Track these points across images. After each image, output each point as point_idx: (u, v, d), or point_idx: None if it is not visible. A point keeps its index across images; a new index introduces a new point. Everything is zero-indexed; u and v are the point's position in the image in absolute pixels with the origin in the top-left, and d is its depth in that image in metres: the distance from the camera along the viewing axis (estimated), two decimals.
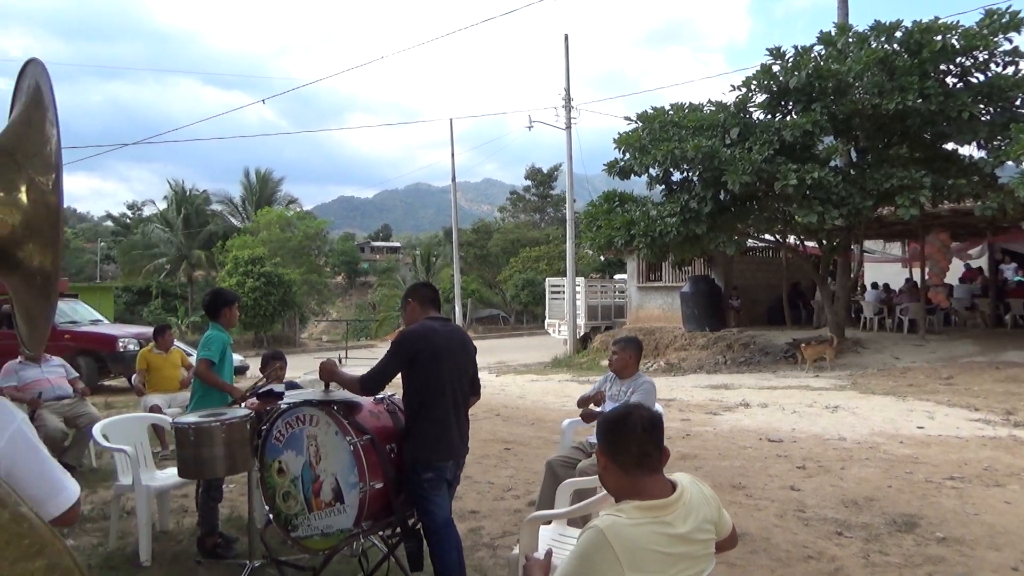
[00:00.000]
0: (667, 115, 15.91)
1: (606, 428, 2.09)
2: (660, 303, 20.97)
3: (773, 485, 6.03)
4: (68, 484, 1.70)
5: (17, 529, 1.52)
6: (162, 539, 4.89)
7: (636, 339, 5.13)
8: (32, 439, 1.68)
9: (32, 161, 1.72)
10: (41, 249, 1.73)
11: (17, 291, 1.83)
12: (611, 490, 2.08)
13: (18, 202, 1.69)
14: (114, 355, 12.94)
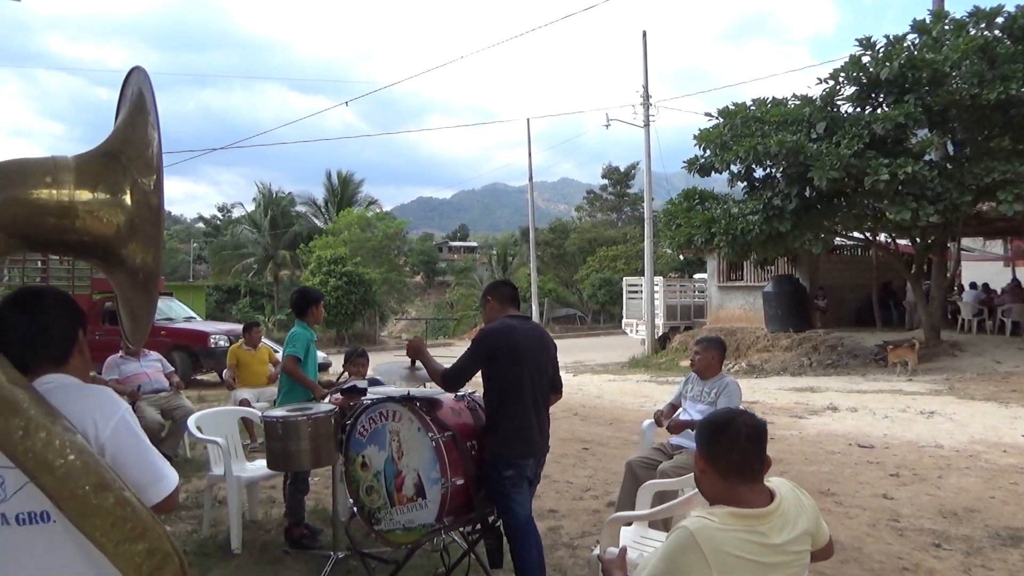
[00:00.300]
0: (749, 110, 15.51)
1: (708, 432, 2.03)
2: (741, 303, 20.46)
3: (864, 493, 5.78)
4: (167, 472, 1.76)
5: (121, 513, 1.59)
6: (252, 528, 5.07)
7: (719, 339, 5.01)
8: (135, 428, 1.75)
9: (136, 163, 1.78)
10: (144, 247, 1.79)
11: (122, 287, 1.91)
12: (707, 495, 2.02)
13: (123, 203, 1.75)
14: (206, 351, 13.51)
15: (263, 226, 39.58)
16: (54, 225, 1.72)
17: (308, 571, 4.27)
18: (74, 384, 1.76)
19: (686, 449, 4.60)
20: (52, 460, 1.53)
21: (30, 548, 1.65)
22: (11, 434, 1.53)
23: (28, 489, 1.61)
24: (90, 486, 1.55)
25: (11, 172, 1.72)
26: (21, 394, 1.58)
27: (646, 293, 21.70)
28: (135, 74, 1.89)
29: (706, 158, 15.81)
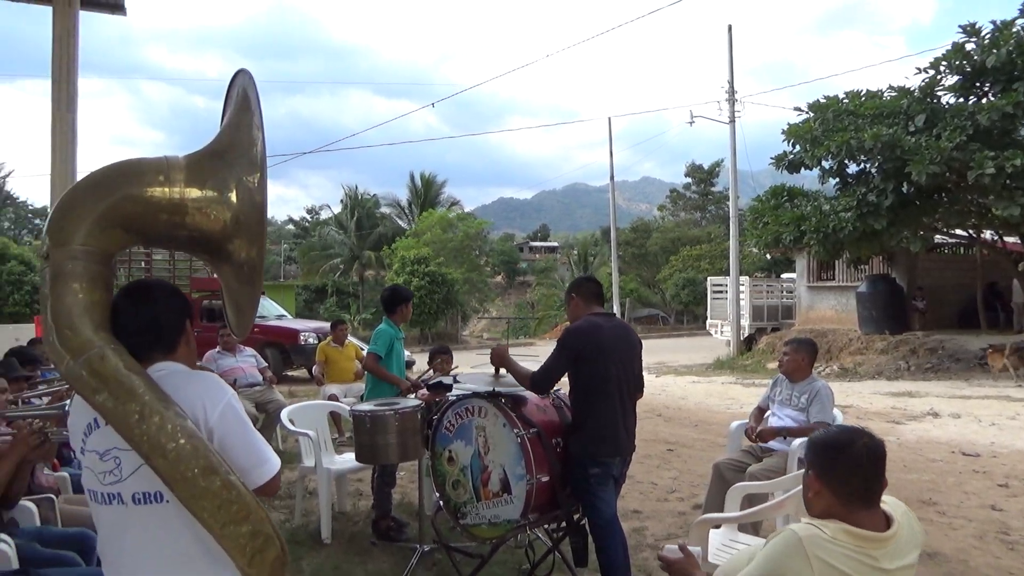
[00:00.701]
0: (841, 103, 14.94)
1: (826, 455, 1.94)
2: (833, 303, 19.70)
3: (970, 503, 5.47)
4: (270, 457, 1.83)
5: (227, 495, 1.65)
6: (340, 519, 5.20)
7: (810, 340, 4.82)
8: (240, 413, 1.82)
9: (240, 162, 1.85)
10: (248, 243, 1.86)
11: (227, 281, 1.99)
12: (817, 514, 1.94)
13: (229, 200, 1.83)
14: (296, 347, 13.98)
15: (349, 227, 40.64)
16: (166, 221, 1.81)
17: (395, 563, 4.35)
18: (183, 371, 1.84)
19: (777, 452, 4.46)
20: (165, 444, 1.61)
21: (144, 526, 1.74)
22: (128, 418, 1.61)
23: (143, 471, 1.69)
24: (199, 469, 1.62)
25: (128, 171, 1.82)
26: (137, 380, 1.66)
27: (731, 293, 21.17)
28: (240, 76, 1.96)
29: (795, 154, 15.32)
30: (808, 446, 2.03)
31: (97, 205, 1.76)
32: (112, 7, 13.06)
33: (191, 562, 1.76)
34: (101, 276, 1.77)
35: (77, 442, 1.84)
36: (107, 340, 1.71)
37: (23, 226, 47.27)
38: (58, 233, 1.74)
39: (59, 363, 1.69)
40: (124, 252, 14.37)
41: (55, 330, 1.70)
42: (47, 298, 1.72)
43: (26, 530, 3.26)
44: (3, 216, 44.08)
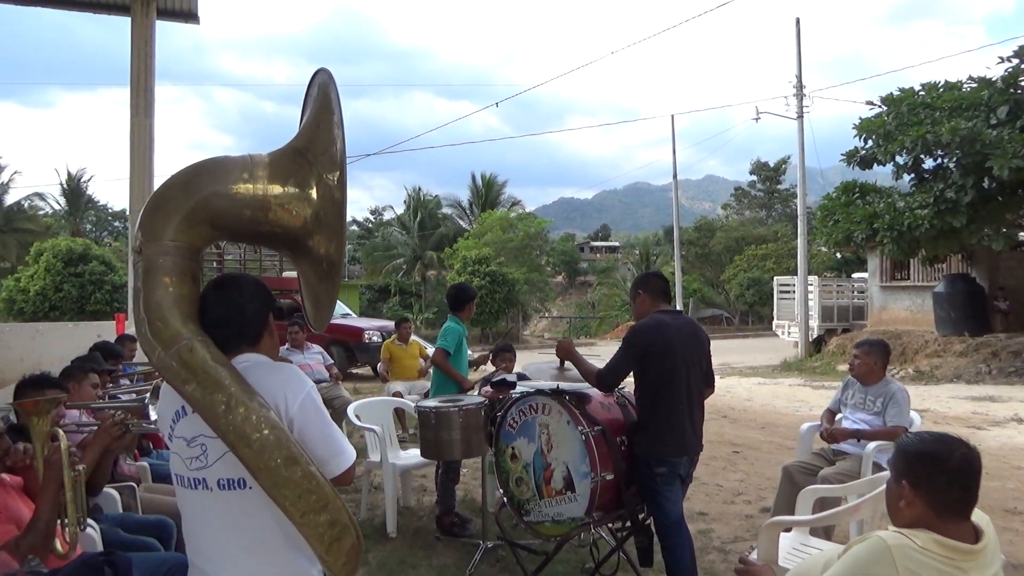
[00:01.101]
0: (917, 96, 14.42)
1: (923, 463, 1.86)
2: (907, 304, 18.99)
3: None
4: (347, 447, 1.88)
5: (307, 485, 1.70)
6: (405, 514, 5.27)
7: (882, 342, 4.65)
8: (319, 405, 1.87)
9: (321, 159, 1.89)
10: (328, 238, 1.90)
11: (306, 275, 2.04)
12: (906, 524, 1.86)
13: (310, 197, 1.87)
14: (361, 345, 14.22)
15: (411, 228, 41.15)
16: (250, 217, 1.86)
17: (458, 558, 4.38)
18: (266, 362, 1.90)
19: (850, 455, 4.32)
20: (250, 434, 1.67)
21: (227, 510, 1.81)
22: (215, 408, 1.68)
23: (228, 458, 1.77)
24: (281, 459, 1.68)
25: (214, 169, 1.89)
26: (223, 372, 1.72)
27: (799, 293, 20.62)
28: (320, 75, 2.00)
29: (867, 149, 14.85)
30: (899, 455, 1.93)
31: (186, 202, 1.82)
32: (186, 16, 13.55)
33: (270, 547, 1.82)
34: (190, 270, 1.84)
35: (166, 428, 1.92)
36: (195, 332, 1.77)
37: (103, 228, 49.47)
38: (150, 229, 1.81)
39: (151, 353, 1.76)
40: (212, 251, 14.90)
41: (147, 322, 1.77)
42: (139, 292, 1.79)
43: (110, 516, 3.41)
44: (85, 219, 46.16)
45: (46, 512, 2.37)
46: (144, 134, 12.12)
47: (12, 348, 13.79)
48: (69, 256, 23.02)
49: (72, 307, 22.23)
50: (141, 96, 12.15)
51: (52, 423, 2.65)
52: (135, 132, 12.11)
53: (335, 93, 1.94)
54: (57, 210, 43.31)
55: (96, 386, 3.93)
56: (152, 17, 12.24)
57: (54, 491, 2.37)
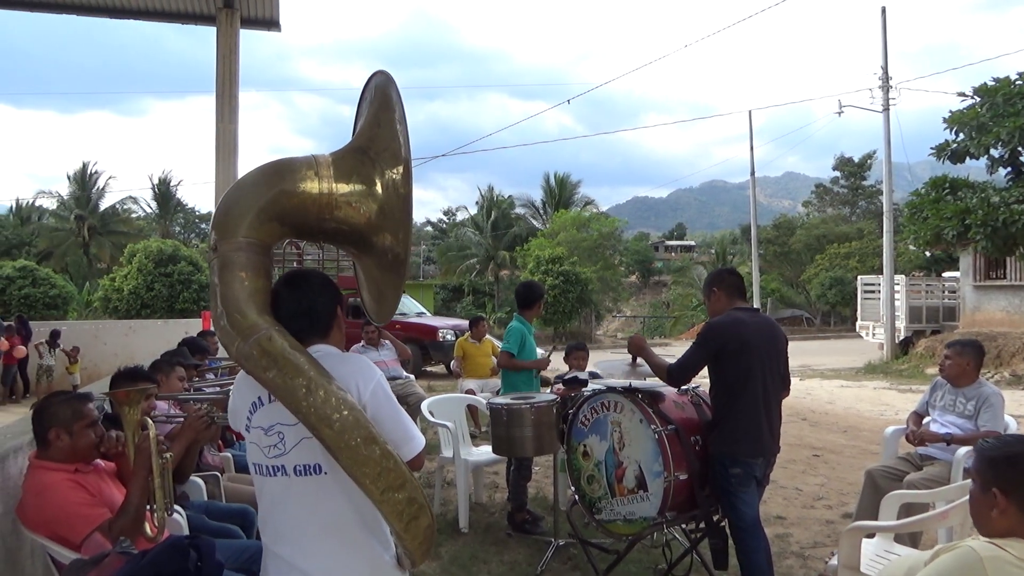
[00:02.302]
0: (1014, 86, 13.63)
1: (1012, 466, 1.78)
2: (1003, 304, 17.99)
3: None
4: (417, 434, 1.93)
5: (386, 463, 1.75)
6: (477, 510, 5.31)
7: (976, 342, 4.41)
8: (389, 392, 1.94)
9: (383, 156, 1.95)
10: (393, 233, 1.96)
11: (369, 269, 2.10)
12: (998, 533, 1.77)
13: (375, 193, 1.93)
14: (435, 343, 14.43)
15: (485, 228, 41.46)
16: (316, 214, 1.94)
17: (530, 555, 4.39)
18: (337, 352, 1.98)
19: (939, 460, 4.13)
20: (330, 415, 1.72)
21: (304, 495, 1.88)
22: (296, 392, 1.73)
23: (304, 444, 1.85)
24: (361, 439, 1.73)
25: (282, 169, 1.97)
26: (302, 358, 1.78)
27: (885, 293, 19.80)
28: (377, 76, 2.06)
29: (959, 142, 14.16)
30: (984, 462, 1.83)
31: (256, 201, 1.91)
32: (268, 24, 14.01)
33: (346, 531, 1.89)
34: (262, 265, 1.91)
35: (241, 420, 1.99)
36: (272, 323, 1.84)
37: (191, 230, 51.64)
38: (224, 228, 1.89)
39: (230, 345, 1.83)
40: (279, 251, 15.36)
41: (226, 315, 1.84)
42: (216, 287, 1.87)
43: (195, 503, 3.56)
44: (174, 221, 48.30)
45: (136, 497, 2.49)
46: (229, 139, 12.60)
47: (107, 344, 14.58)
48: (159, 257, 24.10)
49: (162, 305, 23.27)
50: (226, 103, 12.64)
51: (143, 413, 2.79)
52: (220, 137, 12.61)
53: (395, 92, 1.98)
54: (149, 213, 45.45)
55: (182, 379, 4.11)
56: (236, 26, 12.71)
57: (144, 477, 2.49)
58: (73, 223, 39.21)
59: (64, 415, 2.67)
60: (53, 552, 2.55)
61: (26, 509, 2.60)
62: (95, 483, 2.69)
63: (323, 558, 1.88)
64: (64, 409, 2.69)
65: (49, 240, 39.07)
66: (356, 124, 2.09)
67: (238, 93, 12.83)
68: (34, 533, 2.59)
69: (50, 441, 2.65)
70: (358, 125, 2.07)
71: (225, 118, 12.72)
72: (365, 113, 2.05)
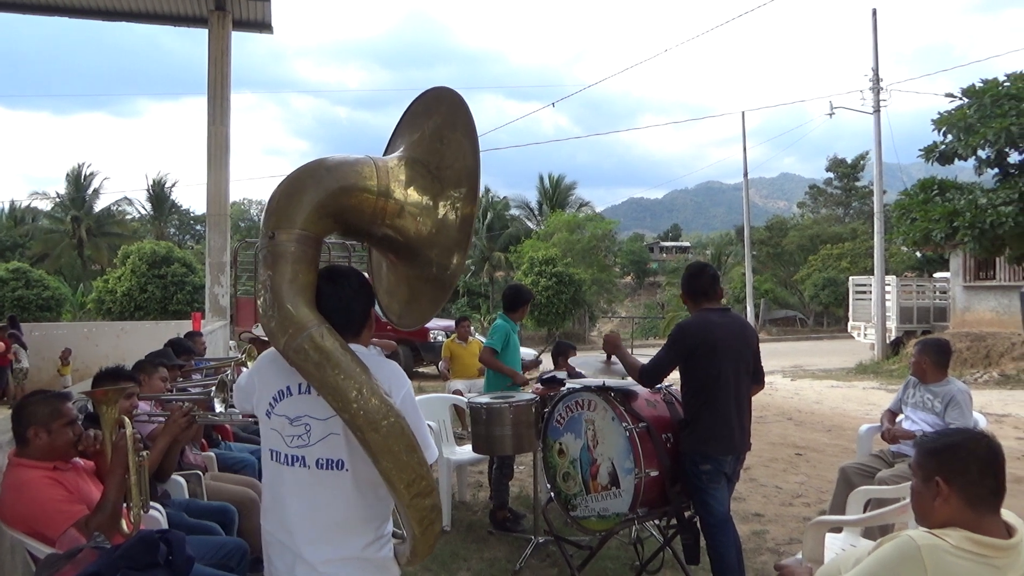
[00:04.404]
0: (1001, 87, 13.72)
1: (956, 454, 1.82)
2: (993, 305, 18.10)
3: None
4: (432, 444, 1.99)
5: (420, 471, 1.83)
6: (461, 508, 5.37)
7: (939, 341, 4.51)
8: (415, 401, 2.00)
9: (446, 173, 1.95)
10: (447, 250, 1.96)
11: (407, 278, 2.08)
12: (939, 523, 1.81)
13: (435, 208, 1.94)
14: (426, 345, 14.47)
15: (480, 229, 41.50)
16: (371, 218, 1.95)
17: (510, 552, 4.45)
18: (372, 354, 2.00)
19: (910, 457, 4.19)
20: (379, 420, 1.77)
21: (321, 489, 1.94)
22: (347, 393, 1.77)
23: (332, 439, 1.91)
24: (404, 446, 1.79)
25: (344, 166, 1.96)
26: (352, 360, 1.81)
27: (876, 294, 19.89)
28: (441, 90, 2.06)
29: (947, 144, 14.23)
30: (926, 453, 1.88)
31: (317, 193, 1.90)
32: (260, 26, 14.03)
33: (352, 524, 1.95)
34: (314, 259, 1.92)
35: (263, 405, 2.02)
36: (321, 319, 1.86)
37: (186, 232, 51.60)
38: (283, 215, 1.88)
39: (279, 336, 1.83)
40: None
41: (277, 306, 1.83)
42: (269, 277, 1.85)
43: (176, 501, 3.61)
44: (169, 223, 48.26)
45: (112, 494, 2.54)
46: (220, 141, 12.63)
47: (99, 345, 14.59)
48: (153, 259, 24.12)
49: (156, 307, 23.29)
50: (218, 104, 12.68)
51: (123, 412, 2.84)
52: (212, 139, 12.64)
53: (464, 111, 1.97)
54: (143, 214, 45.42)
55: (165, 379, 4.15)
56: (228, 28, 12.75)
57: (120, 474, 2.55)
58: (68, 224, 39.18)
59: (42, 414, 2.72)
60: (31, 548, 2.61)
61: (5, 506, 2.65)
62: (73, 480, 2.74)
63: (328, 549, 1.94)
64: (43, 408, 2.74)
65: (44, 242, 39.03)
66: (402, 135, 2.08)
67: (230, 95, 12.86)
68: (12, 529, 2.64)
69: (29, 439, 2.70)
70: (408, 136, 2.06)
71: (217, 120, 12.75)
72: (421, 125, 2.04)
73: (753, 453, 7.07)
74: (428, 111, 2.06)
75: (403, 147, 2.06)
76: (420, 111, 2.09)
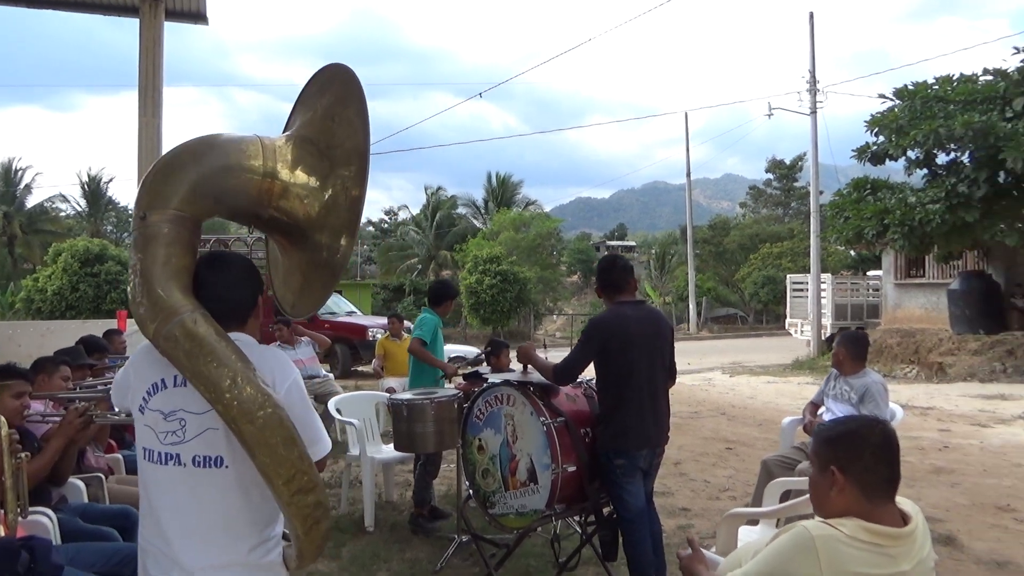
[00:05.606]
0: (930, 90, 14.13)
1: (851, 443, 1.80)
2: (922, 302, 18.70)
3: None
4: (324, 436, 1.89)
5: (301, 466, 1.70)
6: (387, 508, 5.26)
7: (855, 334, 4.62)
8: (303, 391, 1.88)
9: (336, 152, 1.86)
10: (336, 233, 1.87)
11: (297, 263, 1.99)
12: (835, 513, 1.79)
13: (323, 189, 1.85)
14: (365, 343, 14.27)
15: (427, 228, 41.24)
16: (256, 200, 1.84)
17: (432, 552, 4.35)
18: (255, 343, 1.89)
19: None
20: (254, 411, 1.65)
21: (199, 488, 1.79)
22: (219, 382, 1.65)
23: (209, 434, 1.77)
24: (281, 439, 1.67)
25: (227, 144, 1.85)
26: (228, 347, 1.70)
27: (812, 291, 20.38)
28: (336, 68, 1.96)
29: (879, 145, 14.59)
30: (822, 443, 1.87)
31: (196, 173, 1.78)
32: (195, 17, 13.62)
33: (235, 526, 1.81)
34: (191, 242, 1.80)
35: (136, 401, 1.87)
36: (196, 305, 1.74)
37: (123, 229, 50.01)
38: (157, 195, 1.76)
39: (149, 323, 1.71)
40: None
41: (146, 291, 1.71)
42: (139, 260, 1.74)
43: (72, 506, 3.41)
44: (105, 220, 46.71)
45: None
46: (153, 134, 12.19)
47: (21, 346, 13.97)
48: (86, 256, 23.23)
49: (88, 307, 22.43)
50: (149, 97, 12.23)
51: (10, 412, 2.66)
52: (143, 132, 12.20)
53: (357, 88, 1.89)
54: (79, 211, 43.89)
55: (67, 379, 3.94)
56: (160, 18, 12.31)
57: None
58: None
59: None
60: None
61: None
62: None
63: (208, 555, 1.79)
64: None
65: None
66: (298, 113, 1.99)
67: (162, 87, 12.42)
68: None
69: None
70: (302, 115, 1.97)
71: (149, 112, 12.30)
72: (314, 103, 1.95)
73: (684, 448, 7.16)
74: (322, 89, 1.97)
75: (295, 125, 1.97)
76: (314, 89, 2.00)
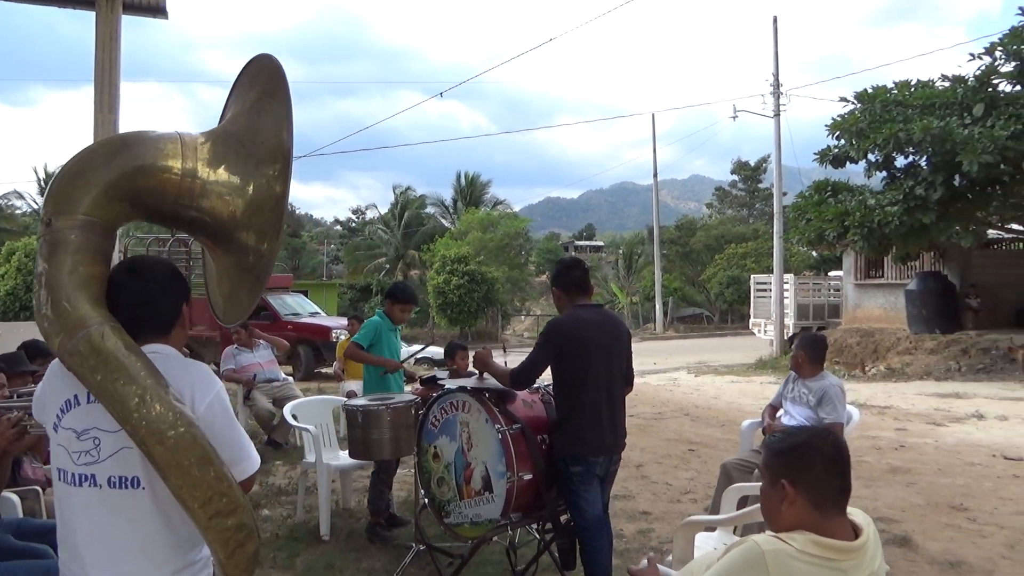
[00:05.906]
0: (890, 94, 14.34)
1: (801, 455, 1.76)
2: (881, 302, 19.03)
3: (1006, 510, 5.14)
4: (252, 453, 1.78)
5: (219, 487, 1.60)
6: (344, 516, 5.14)
7: (814, 336, 4.63)
8: (228, 406, 1.77)
9: (261, 148, 1.76)
10: (259, 234, 1.77)
11: (225, 268, 1.89)
12: (784, 526, 1.75)
13: (245, 187, 1.75)
14: (328, 344, 14.02)
15: (395, 227, 40.92)
16: (175, 200, 1.74)
17: (388, 561, 4.25)
18: (176, 355, 1.79)
19: None
20: (164, 431, 1.56)
21: (115, 510, 1.69)
22: (126, 401, 1.55)
23: (124, 454, 1.67)
24: (195, 459, 1.58)
25: (141, 142, 1.74)
26: (138, 362, 1.60)
27: (775, 291, 20.63)
28: (263, 59, 1.87)
29: (840, 148, 14.79)
30: (773, 455, 1.83)
31: (107, 175, 1.69)
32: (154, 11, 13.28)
33: (156, 550, 1.72)
34: (102, 250, 1.71)
35: (50, 418, 1.78)
36: (106, 317, 1.65)
37: None
38: (63, 200, 1.67)
39: (53, 337, 1.62)
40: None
41: (51, 303, 1.62)
42: (44, 270, 1.64)
43: (5, 521, 3.26)
44: None
45: None
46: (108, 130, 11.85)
47: None
48: None
49: None
50: (106, 91, 11.87)
51: None
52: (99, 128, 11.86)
53: (283, 81, 1.81)
54: (35, 209, 42.77)
55: (2, 386, 3.77)
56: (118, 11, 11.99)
57: None
58: None
59: None
60: None
61: None
62: None
63: None
64: None
65: None
66: (229, 107, 1.90)
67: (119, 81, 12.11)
68: None
69: None
70: (232, 108, 1.88)
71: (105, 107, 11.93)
72: (243, 97, 1.86)
73: (647, 450, 7.14)
74: (251, 82, 1.88)
75: (225, 120, 1.88)
76: (244, 82, 1.90)
